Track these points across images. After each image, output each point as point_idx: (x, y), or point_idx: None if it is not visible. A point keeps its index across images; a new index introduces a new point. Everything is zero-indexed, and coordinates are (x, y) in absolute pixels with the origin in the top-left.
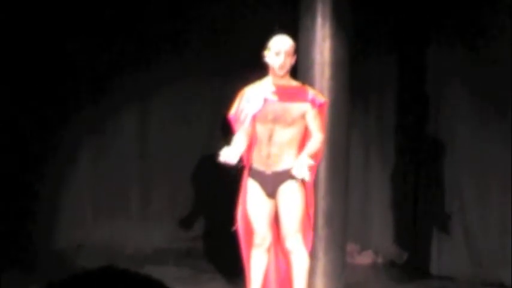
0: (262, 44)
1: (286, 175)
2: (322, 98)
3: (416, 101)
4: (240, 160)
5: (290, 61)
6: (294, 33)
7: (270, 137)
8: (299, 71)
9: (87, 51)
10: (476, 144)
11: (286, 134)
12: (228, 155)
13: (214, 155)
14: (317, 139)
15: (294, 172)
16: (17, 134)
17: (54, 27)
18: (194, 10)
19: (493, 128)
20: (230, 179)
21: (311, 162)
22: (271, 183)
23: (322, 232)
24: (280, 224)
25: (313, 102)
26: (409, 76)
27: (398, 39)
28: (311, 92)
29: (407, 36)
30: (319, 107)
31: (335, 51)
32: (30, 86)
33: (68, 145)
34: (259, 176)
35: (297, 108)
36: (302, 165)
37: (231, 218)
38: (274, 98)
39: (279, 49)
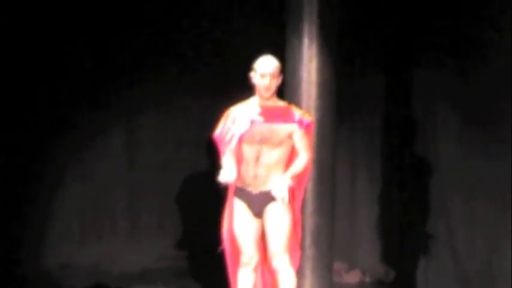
0: (249, 64)
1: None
2: (309, 118)
3: (403, 121)
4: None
5: (276, 82)
6: (281, 53)
7: (257, 158)
8: (286, 90)
9: (74, 71)
10: (463, 164)
11: (274, 155)
12: (226, 175)
13: (201, 174)
14: (303, 159)
15: (274, 193)
16: (3, 153)
17: (39, 44)
18: (182, 29)
19: (480, 149)
20: (217, 198)
21: (290, 182)
22: (258, 203)
23: (309, 251)
24: (267, 243)
25: (300, 123)
26: (396, 96)
27: (386, 60)
28: (298, 112)
29: (395, 57)
30: (306, 127)
31: (322, 71)
32: (18, 104)
33: (55, 165)
34: (245, 196)
35: (283, 129)
36: (281, 186)
37: (218, 238)
38: (261, 119)
39: (264, 71)
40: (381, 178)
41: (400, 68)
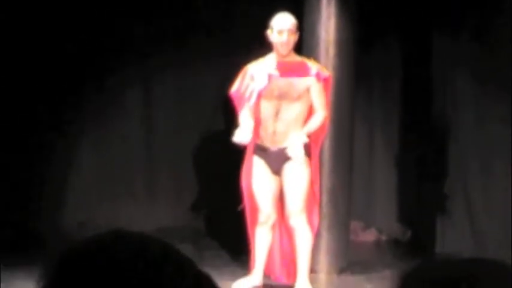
0: (267, 23)
1: None
2: (327, 72)
3: (421, 83)
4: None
5: (293, 39)
6: (299, 11)
7: (276, 114)
8: (304, 49)
9: (91, 35)
10: (480, 126)
11: (292, 110)
12: (242, 135)
13: (219, 133)
14: (319, 117)
15: (288, 151)
16: (22, 116)
17: (58, 13)
18: None
19: (497, 111)
20: (235, 157)
21: (305, 140)
22: (277, 160)
23: (326, 210)
24: (285, 201)
25: (318, 76)
26: (414, 59)
27: (404, 22)
28: (315, 66)
29: (413, 20)
30: (324, 81)
31: (340, 29)
32: (35, 70)
33: (73, 127)
34: (264, 153)
35: (301, 82)
36: (296, 144)
37: (234, 196)
38: (278, 73)
39: (281, 28)
40: (398, 138)
41: (418, 31)
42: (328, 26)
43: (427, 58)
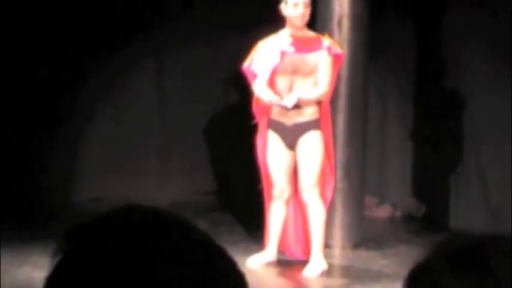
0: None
1: (307, 126)
2: (339, 49)
3: (435, 57)
4: (252, 118)
5: (308, 12)
6: None
7: (290, 89)
8: (318, 23)
9: (103, 11)
10: (494, 100)
11: (306, 85)
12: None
13: (232, 108)
14: (319, 91)
15: (283, 102)
16: (38, 90)
17: None
18: None
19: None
20: (248, 132)
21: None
22: (292, 135)
23: (340, 185)
24: (299, 176)
25: (329, 50)
26: (427, 32)
27: None
28: (328, 41)
29: None
30: (335, 56)
31: (354, 3)
32: (50, 44)
33: (89, 102)
34: (279, 128)
35: (314, 57)
36: (292, 96)
37: (249, 171)
38: (291, 49)
39: (297, 1)
40: (412, 114)
41: (432, 6)
42: (342, 0)
43: (441, 31)
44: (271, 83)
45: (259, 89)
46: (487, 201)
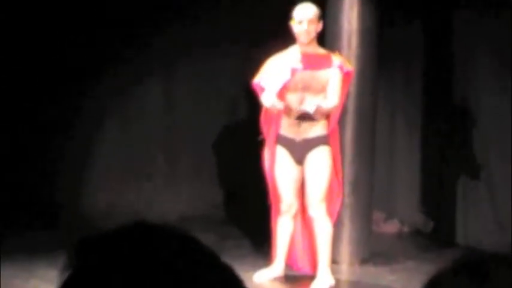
0: (288, 13)
1: (315, 142)
2: (350, 67)
3: (443, 68)
4: (260, 133)
5: (315, 28)
6: (322, 1)
7: (301, 105)
8: (326, 39)
9: (112, 21)
10: (504, 111)
11: (317, 102)
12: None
13: (240, 121)
14: (332, 102)
15: (304, 108)
16: (46, 98)
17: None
18: None
19: None
20: (255, 145)
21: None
22: (300, 150)
23: (348, 200)
24: (306, 191)
25: (341, 68)
26: (435, 44)
27: (426, 7)
28: (339, 59)
29: (435, 4)
30: (346, 74)
31: (362, 19)
32: (57, 54)
33: (96, 111)
34: (288, 143)
35: (325, 74)
36: (312, 103)
37: (257, 185)
38: (301, 66)
39: (301, 18)
40: (420, 128)
41: (440, 15)
42: (350, 15)
43: (450, 44)
44: (282, 99)
45: (267, 98)
46: (496, 217)
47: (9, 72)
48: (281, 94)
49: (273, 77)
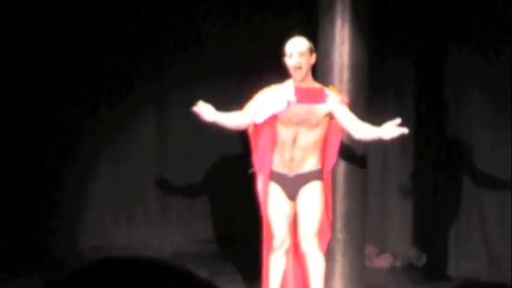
0: (281, 46)
1: (308, 177)
2: (345, 98)
3: (435, 103)
4: (251, 166)
5: (307, 61)
6: (313, 35)
7: (294, 140)
8: (318, 73)
9: (102, 56)
10: (496, 148)
11: (311, 137)
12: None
13: (233, 157)
14: (366, 125)
15: (386, 134)
16: (36, 138)
17: (65, 34)
18: (213, 11)
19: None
20: (248, 182)
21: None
22: (293, 186)
23: (340, 234)
24: (298, 226)
25: (343, 102)
26: (427, 78)
27: (417, 42)
28: (334, 93)
29: (426, 39)
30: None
31: (354, 54)
32: (48, 90)
33: (88, 149)
34: (280, 179)
35: (321, 108)
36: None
37: (249, 220)
38: (295, 99)
39: (291, 51)
40: (412, 162)
41: (431, 50)
42: (342, 50)
43: (441, 77)
44: (274, 132)
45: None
46: (488, 251)
47: None
48: (275, 128)
49: (266, 107)
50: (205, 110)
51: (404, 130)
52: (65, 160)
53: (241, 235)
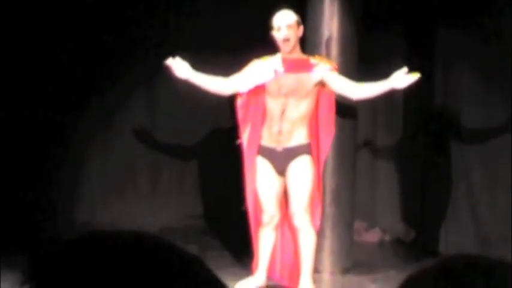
0: (269, 22)
1: (297, 151)
2: (334, 65)
3: (424, 79)
4: (238, 137)
5: (295, 34)
6: (302, 10)
7: (283, 112)
8: (307, 47)
9: (94, 40)
10: (485, 125)
11: (299, 108)
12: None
13: (222, 133)
14: (363, 85)
15: (398, 83)
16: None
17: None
18: None
19: (502, 109)
20: (237, 157)
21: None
22: (282, 160)
23: (329, 210)
24: (289, 201)
25: (334, 68)
26: (416, 54)
27: (407, 18)
28: (323, 61)
29: (416, 15)
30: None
31: (343, 28)
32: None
33: (79, 125)
34: (269, 153)
35: (311, 78)
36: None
37: (238, 196)
38: (282, 69)
39: (278, 24)
40: (401, 138)
41: (421, 25)
42: (331, 24)
43: (431, 54)
44: (263, 105)
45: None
46: (477, 227)
47: None
48: (262, 100)
49: (253, 77)
50: (178, 66)
51: (415, 76)
52: (56, 140)
53: (229, 210)
